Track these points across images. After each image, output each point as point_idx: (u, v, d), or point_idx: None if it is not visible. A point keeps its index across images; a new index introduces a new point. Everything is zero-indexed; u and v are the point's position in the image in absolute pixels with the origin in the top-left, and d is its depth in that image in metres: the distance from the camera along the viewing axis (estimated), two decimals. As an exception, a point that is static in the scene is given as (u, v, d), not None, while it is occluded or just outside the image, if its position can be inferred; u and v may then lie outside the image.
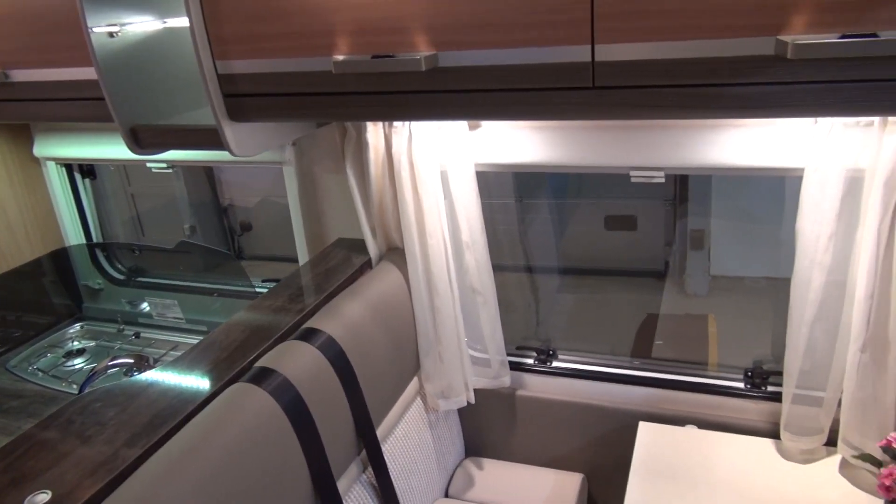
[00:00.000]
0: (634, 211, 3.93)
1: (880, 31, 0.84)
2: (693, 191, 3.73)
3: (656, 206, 3.90)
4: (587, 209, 4.04)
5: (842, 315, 1.35)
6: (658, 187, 3.80)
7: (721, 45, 0.91)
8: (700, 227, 3.70)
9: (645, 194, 3.87)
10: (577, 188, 3.99)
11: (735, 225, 3.43)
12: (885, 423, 1.33)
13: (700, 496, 1.39)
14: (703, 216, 3.63)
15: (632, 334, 3.34)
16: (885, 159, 1.18)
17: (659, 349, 3.26)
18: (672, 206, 3.84)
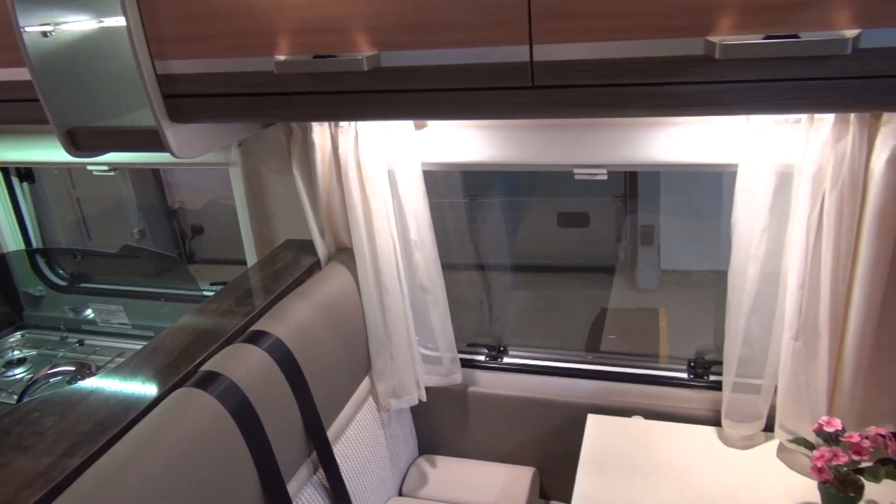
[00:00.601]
0: (586, 208, 3.99)
1: (801, 33, 0.87)
2: (642, 187, 3.80)
3: (608, 203, 3.97)
4: (540, 207, 4.09)
5: (776, 305, 1.40)
6: (609, 184, 3.86)
7: (654, 45, 0.93)
8: (650, 223, 3.78)
9: (596, 191, 3.93)
10: (529, 186, 4.03)
11: (683, 220, 3.50)
12: (817, 407, 1.38)
13: (646, 484, 1.42)
14: (653, 212, 3.71)
15: (585, 329, 3.40)
16: (812, 155, 1.23)
17: (612, 343, 3.32)
18: (623, 202, 3.92)
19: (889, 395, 1.37)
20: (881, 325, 1.30)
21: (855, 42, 0.84)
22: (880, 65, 0.86)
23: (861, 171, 1.21)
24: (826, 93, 0.90)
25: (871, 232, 1.22)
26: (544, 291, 3.89)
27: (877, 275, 1.25)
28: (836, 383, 1.37)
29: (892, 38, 0.84)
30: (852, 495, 1.26)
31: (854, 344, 1.31)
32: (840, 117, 1.19)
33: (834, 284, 1.28)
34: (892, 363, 1.34)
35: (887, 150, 1.17)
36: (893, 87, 0.87)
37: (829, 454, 1.23)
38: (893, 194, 1.19)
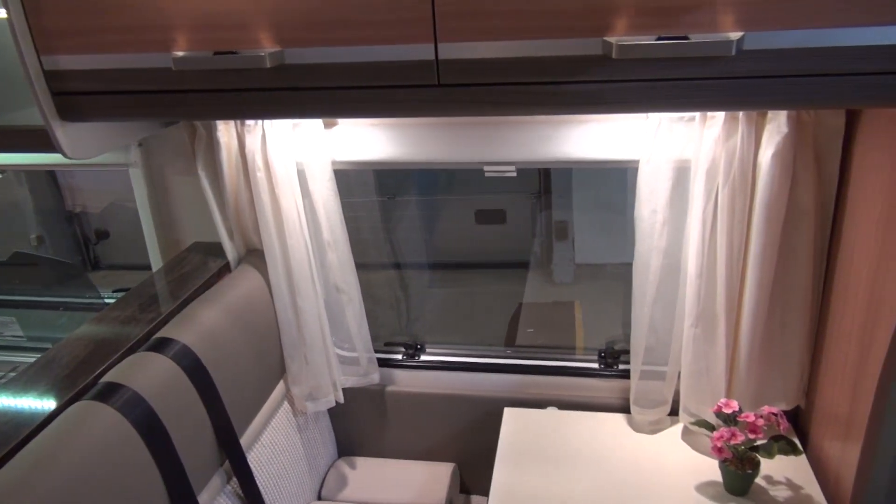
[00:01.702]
0: (503, 205, 4.05)
1: (691, 34, 0.92)
2: (556, 184, 3.90)
3: (523, 200, 4.04)
4: (458, 205, 4.12)
5: (678, 294, 1.47)
6: (525, 181, 3.94)
7: (555, 45, 0.96)
8: (564, 219, 3.88)
9: (513, 188, 4.00)
10: (447, 184, 4.05)
11: (595, 215, 3.60)
12: (717, 390, 1.46)
13: (560, 473, 1.46)
14: (567, 208, 3.81)
15: (503, 324, 3.45)
16: (705, 151, 1.30)
17: (530, 336, 3.39)
18: (538, 199, 4.00)
19: (781, 375, 1.46)
20: (771, 311, 1.39)
21: (739, 44, 0.89)
22: (762, 66, 0.91)
23: (750, 166, 1.28)
24: (715, 92, 0.94)
25: (760, 223, 1.30)
26: (463, 288, 3.93)
27: (766, 263, 1.33)
28: (733, 367, 1.45)
29: (772, 40, 0.89)
30: (749, 472, 1.33)
31: (748, 329, 1.39)
32: (730, 115, 1.26)
33: (728, 273, 1.36)
34: (782, 346, 1.43)
35: (772, 146, 1.25)
36: (774, 87, 0.92)
37: (727, 434, 1.30)
38: (778, 187, 1.27)
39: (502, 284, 3.91)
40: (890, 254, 1.09)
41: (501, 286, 3.90)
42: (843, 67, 0.89)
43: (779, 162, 1.25)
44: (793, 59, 0.90)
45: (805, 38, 0.88)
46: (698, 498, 1.37)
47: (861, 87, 0.90)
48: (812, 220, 1.32)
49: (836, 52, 0.88)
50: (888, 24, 0.85)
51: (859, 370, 1.21)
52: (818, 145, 1.28)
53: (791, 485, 1.38)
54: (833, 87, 0.91)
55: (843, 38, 0.87)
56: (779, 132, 1.24)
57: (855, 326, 1.23)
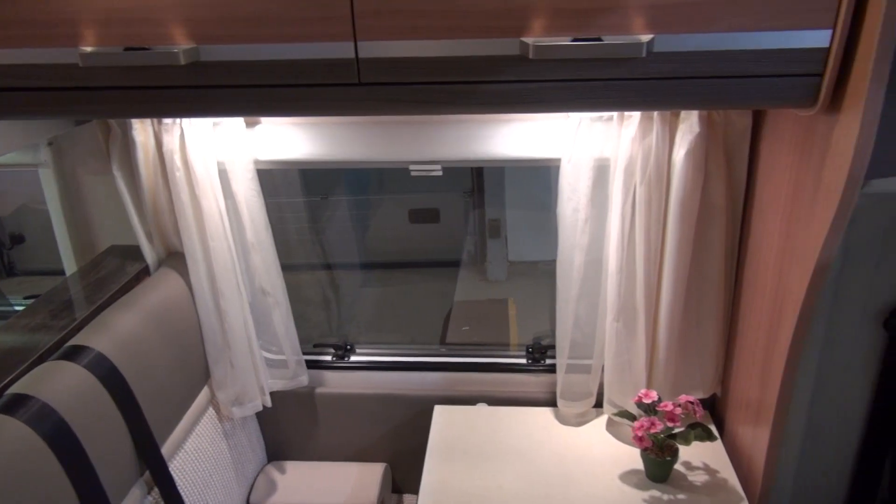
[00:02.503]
0: (437, 204, 4.06)
1: (604, 36, 0.94)
2: (488, 182, 3.93)
3: (457, 199, 4.06)
4: (391, 204, 4.10)
5: (601, 290, 1.51)
6: (458, 180, 3.96)
7: (474, 44, 0.97)
8: (497, 217, 3.92)
9: (446, 187, 4.01)
10: (379, 184, 4.04)
11: (527, 213, 3.65)
12: (638, 381, 1.51)
13: (489, 468, 1.48)
14: (500, 206, 3.85)
15: (437, 323, 3.46)
16: (623, 150, 1.34)
17: (465, 334, 3.41)
18: (471, 197, 4.03)
19: (698, 365, 1.52)
20: (687, 304, 1.44)
21: (649, 46, 0.92)
22: (670, 67, 0.95)
23: (665, 165, 1.33)
24: (628, 92, 0.98)
25: (675, 219, 1.35)
26: (397, 288, 3.92)
27: (681, 258, 1.38)
28: (653, 358, 1.50)
29: (678, 43, 0.93)
30: (669, 459, 1.38)
31: (666, 322, 1.44)
32: (645, 115, 1.31)
33: (647, 268, 1.40)
34: (699, 337, 1.49)
35: (685, 145, 1.30)
36: (681, 88, 0.96)
37: (647, 423, 1.34)
38: (692, 185, 1.32)
39: (436, 283, 3.93)
40: (793, 247, 1.15)
41: (435, 285, 3.91)
42: (742, 70, 0.93)
43: (691, 160, 1.30)
44: (697, 61, 0.93)
45: (708, 41, 0.92)
46: (621, 486, 1.41)
47: (759, 89, 0.95)
48: (724, 216, 1.38)
49: (735, 55, 0.92)
50: (782, 29, 0.90)
51: (767, 358, 1.27)
52: (728, 144, 1.34)
53: (708, 469, 1.44)
54: (734, 89, 0.95)
55: (742, 42, 0.92)
56: (691, 132, 1.29)
57: (763, 317, 1.29)
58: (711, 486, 1.40)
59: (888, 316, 1.29)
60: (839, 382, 1.36)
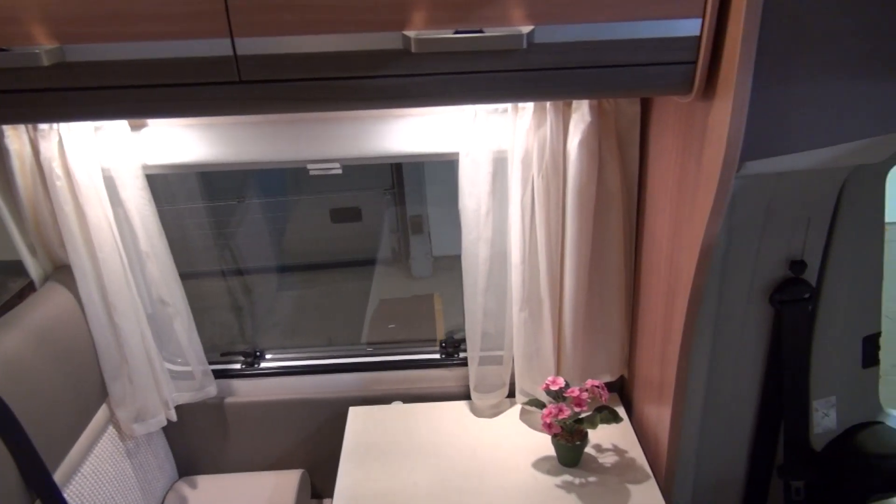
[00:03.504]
0: (358, 202, 4.02)
1: (485, 28, 0.94)
2: (409, 178, 3.92)
3: (378, 196, 4.03)
4: (311, 204, 4.03)
5: (507, 281, 1.52)
6: (378, 177, 3.93)
7: (356, 39, 0.95)
8: (419, 213, 3.91)
9: (367, 185, 3.98)
10: (298, 184, 3.96)
11: (449, 208, 3.64)
12: (548, 370, 1.53)
13: (405, 466, 1.47)
14: (421, 202, 3.85)
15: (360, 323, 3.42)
16: (519, 141, 1.35)
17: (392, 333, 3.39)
18: (392, 194, 4.01)
19: (604, 350, 1.56)
20: (590, 291, 1.47)
21: (530, 37, 0.93)
22: (551, 58, 0.95)
23: (560, 154, 1.35)
24: (512, 84, 0.98)
25: (573, 208, 1.37)
26: (318, 289, 3.86)
27: (582, 246, 1.41)
28: (561, 345, 1.53)
29: (558, 34, 0.94)
30: (578, 443, 1.41)
31: (570, 309, 1.46)
32: (538, 106, 1.32)
33: (549, 258, 1.42)
34: (603, 322, 1.53)
35: (579, 134, 1.32)
36: (563, 78, 0.97)
37: (555, 410, 1.36)
38: (587, 173, 1.35)
39: (360, 282, 3.89)
40: (681, 230, 1.19)
41: (359, 284, 3.87)
42: (620, 59, 0.95)
43: (585, 149, 1.33)
44: (576, 51, 0.95)
45: (586, 32, 0.94)
46: (534, 474, 1.43)
47: (637, 78, 0.97)
48: (620, 203, 1.41)
49: (613, 45, 0.94)
50: (656, 18, 0.92)
51: (665, 339, 1.31)
52: (620, 132, 1.37)
53: (617, 450, 1.48)
54: (613, 78, 0.97)
55: (619, 32, 0.93)
56: (583, 121, 1.31)
57: (660, 299, 1.33)
58: (621, 466, 1.44)
59: (773, 291, 1.35)
60: (733, 357, 1.42)
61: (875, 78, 1.00)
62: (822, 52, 0.98)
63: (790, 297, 1.34)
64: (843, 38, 0.97)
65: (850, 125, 1.03)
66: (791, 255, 1.33)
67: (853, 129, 1.04)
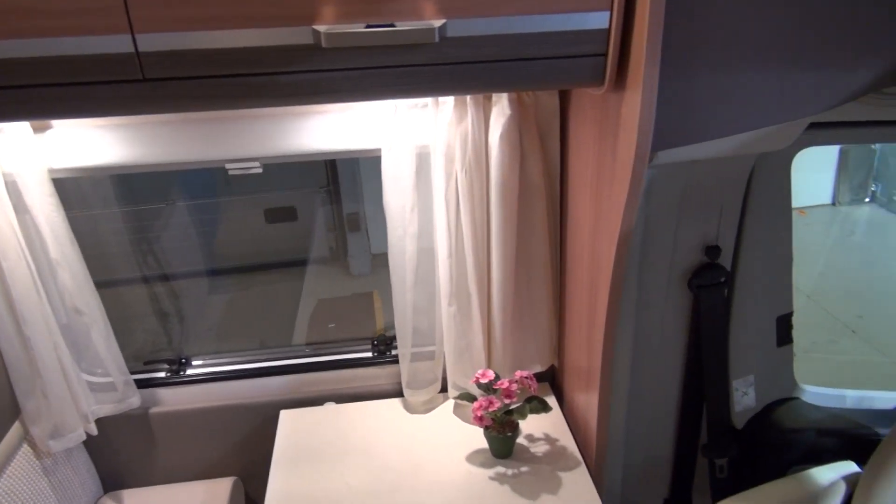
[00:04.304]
0: (293, 201, 3.95)
1: (397, 22, 0.93)
2: (344, 176, 3.88)
3: (314, 195, 3.98)
4: (244, 205, 3.95)
5: (436, 276, 1.52)
6: (313, 175, 3.87)
7: (264, 34, 0.92)
8: (355, 211, 3.88)
9: (301, 183, 3.92)
10: (228, 184, 3.87)
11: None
12: (479, 363, 1.54)
13: (337, 468, 1.45)
14: (358, 199, 3.81)
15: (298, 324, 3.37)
16: (440, 136, 1.34)
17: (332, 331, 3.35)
18: (327, 192, 3.96)
19: (534, 340, 1.58)
20: (518, 283, 1.49)
21: (442, 31, 0.92)
22: (463, 52, 0.95)
23: (482, 148, 1.35)
24: (425, 78, 0.97)
25: (497, 201, 1.38)
26: (252, 291, 3.79)
27: (507, 238, 1.42)
28: (491, 338, 1.54)
29: (470, 27, 0.94)
30: (510, 434, 1.42)
31: (499, 302, 1.47)
32: (458, 100, 1.32)
33: (475, 251, 1.43)
34: (532, 313, 1.54)
35: (499, 128, 1.33)
36: (476, 72, 0.97)
37: (485, 402, 1.37)
38: (509, 166, 1.36)
39: (298, 282, 3.84)
40: (600, 219, 1.21)
41: (297, 284, 3.82)
42: (532, 52, 0.96)
43: (506, 142, 1.33)
44: (489, 45, 0.95)
45: (497, 25, 0.94)
46: (468, 467, 1.43)
47: (550, 70, 0.98)
48: (543, 195, 1.43)
49: (524, 38, 0.95)
50: (566, 11, 0.93)
51: (590, 326, 1.33)
52: (540, 125, 1.38)
53: (549, 439, 1.50)
54: (526, 71, 0.98)
55: (530, 26, 0.94)
56: (503, 114, 1.32)
57: (584, 288, 1.35)
58: (552, 454, 1.46)
59: (691, 277, 1.40)
60: (656, 342, 1.46)
61: (777, 68, 1.04)
62: (726, 43, 1.01)
63: (706, 281, 1.39)
64: (747, 30, 1.01)
65: (754, 114, 1.07)
66: (706, 240, 1.38)
67: (758, 117, 1.08)
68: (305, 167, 3.80)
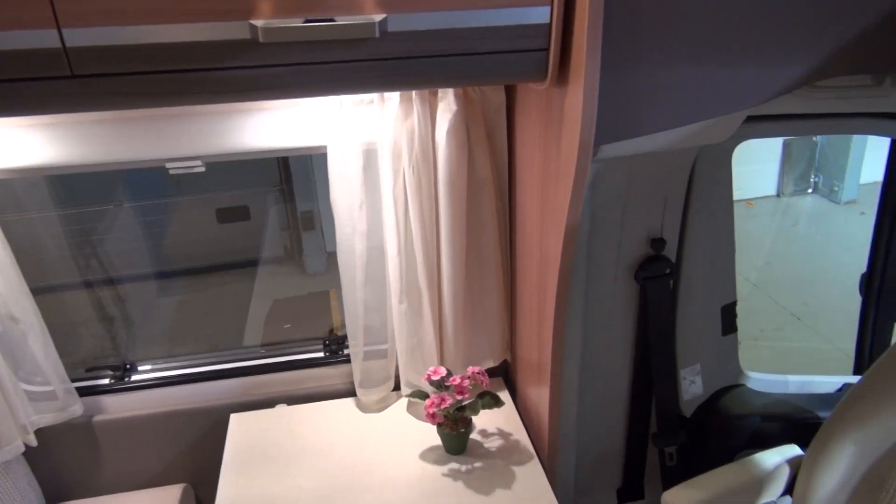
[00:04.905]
0: (246, 200, 3.89)
1: (336, 17, 0.92)
2: (296, 174, 3.83)
3: (267, 193, 3.92)
4: (195, 205, 3.88)
5: (386, 274, 1.51)
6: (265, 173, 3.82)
7: (199, 28, 0.90)
8: (309, 209, 3.83)
9: (254, 182, 3.86)
10: (178, 184, 3.80)
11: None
12: (431, 360, 1.53)
13: (290, 471, 1.43)
14: (312, 197, 3.77)
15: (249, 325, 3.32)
16: (387, 132, 1.33)
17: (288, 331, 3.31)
18: (280, 191, 3.91)
19: (486, 336, 1.58)
20: (468, 278, 1.48)
21: (382, 25, 0.91)
22: (405, 47, 0.94)
23: (429, 144, 1.35)
24: (367, 74, 0.96)
25: (445, 197, 1.38)
26: (206, 293, 3.72)
27: (457, 235, 1.41)
28: (443, 335, 1.53)
29: (411, 22, 0.93)
30: (462, 431, 1.42)
31: (450, 298, 1.47)
32: (404, 96, 1.31)
33: (425, 248, 1.42)
34: (483, 309, 1.54)
35: (446, 123, 1.32)
36: (419, 67, 0.96)
37: (437, 400, 1.36)
38: (457, 162, 1.35)
39: (251, 283, 3.78)
40: (548, 214, 1.22)
41: (250, 285, 3.76)
42: (474, 47, 0.95)
43: (453, 138, 1.33)
44: (430, 40, 0.94)
45: (439, 20, 0.93)
46: (422, 465, 1.43)
47: (492, 65, 0.98)
48: (492, 190, 1.43)
49: (466, 32, 0.94)
50: (507, 6, 0.93)
51: (540, 320, 1.34)
52: (487, 120, 1.38)
53: (502, 434, 1.51)
54: (469, 66, 0.97)
55: (472, 20, 0.94)
56: (449, 110, 1.31)
57: (534, 282, 1.36)
58: (506, 449, 1.46)
59: (637, 269, 1.42)
60: (605, 334, 1.47)
61: (715, 62, 1.06)
62: (666, 38, 1.03)
63: (652, 273, 1.41)
64: (686, 25, 1.03)
65: (694, 107, 1.09)
66: (651, 233, 1.40)
67: (697, 111, 1.10)
68: (258, 165, 3.74)
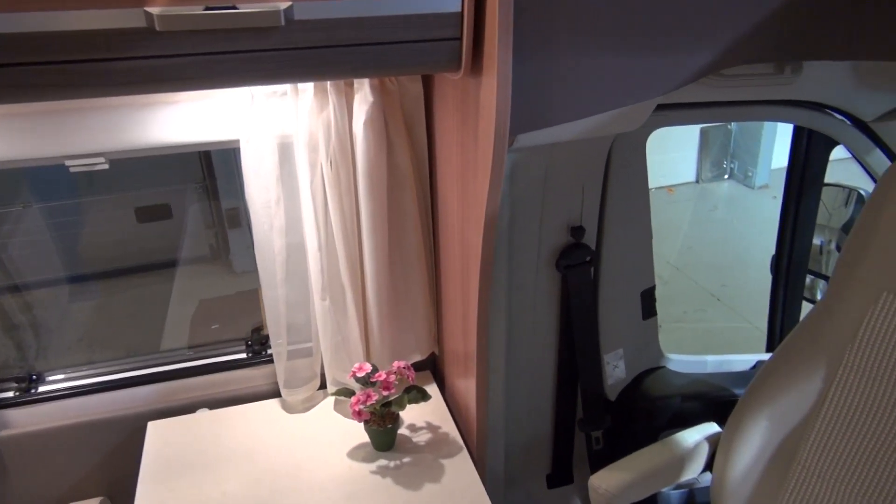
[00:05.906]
0: (167, 198, 3.75)
1: (239, 4, 0.88)
2: (220, 170, 3.71)
3: (189, 191, 3.78)
4: (112, 204, 3.71)
5: (308, 270, 1.47)
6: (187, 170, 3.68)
7: (91, 16, 0.84)
8: (235, 206, 3.72)
9: (175, 179, 3.71)
10: (91, 183, 3.62)
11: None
12: (356, 357, 1.51)
13: (213, 477, 1.38)
14: (237, 194, 3.66)
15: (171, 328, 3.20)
16: (302, 125, 1.30)
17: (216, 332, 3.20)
18: (204, 188, 3.78)
19: (412, 330, 1.57)
20: (392, 273, 1.47)
21: (288, 13, 0.88)
22: (314, 36, 0.91)
23: (346, 136, 1.32)
24: (275, 64, 0.93)
25: (365, 190, 1.35)
26: (124, 296, 3.57)
27: (378, 228, 1.39)
28: (367, 331, 1.51)
29: (320, 10, 0.90)
30: (390, 426, 1.41)
31: (374, 293, 1.45)
32: (318, 87, 1.28)
33: (346, 243, 1.39)
34: (408, 302, 1.53)
35: (363, 115, 1.29)
36: (329, 57, 0.94)
37: (362, 397, 1.34)
38: (376, 154, 1.33)
39: (174, 283, 3.64)
40: (467, 205, 1.21)
41: (173, 286, 3.62)
42: (386, 36, 0.93)
43: (371, 130, 1.30)
44: (341, 28, 0.91)
45: (349, 8, 0.91)
46: (350, 463, 1.41)
47: (405, 55, 0.96)
48: (413, 184, 1.41)
49: (378, 21, 0.92)
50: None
51: (464, 312, 1.34)
52: (406, 111, 1.37)
53: (431, 427, 1.50)
54: (381, 56, 0.95)
55: (384, 8, 0.91)
56: (366, 101, 1.28)
57: (457, 274, 1.35)
58: (435, 443, 1.46)
59: (558, 257, 1.43)
60: (529, 323, 1.49)
61: (625, 51, 1.07)
62: (577, 26, 1.03)
63: (573, 261, 1.43)
64: (596, 14, 1.03)
65: (605, 96, 1.10)
66: (570, 221, 1.42)
67: (608, 100, 1.11)
68: (178, 161, 3.61)
